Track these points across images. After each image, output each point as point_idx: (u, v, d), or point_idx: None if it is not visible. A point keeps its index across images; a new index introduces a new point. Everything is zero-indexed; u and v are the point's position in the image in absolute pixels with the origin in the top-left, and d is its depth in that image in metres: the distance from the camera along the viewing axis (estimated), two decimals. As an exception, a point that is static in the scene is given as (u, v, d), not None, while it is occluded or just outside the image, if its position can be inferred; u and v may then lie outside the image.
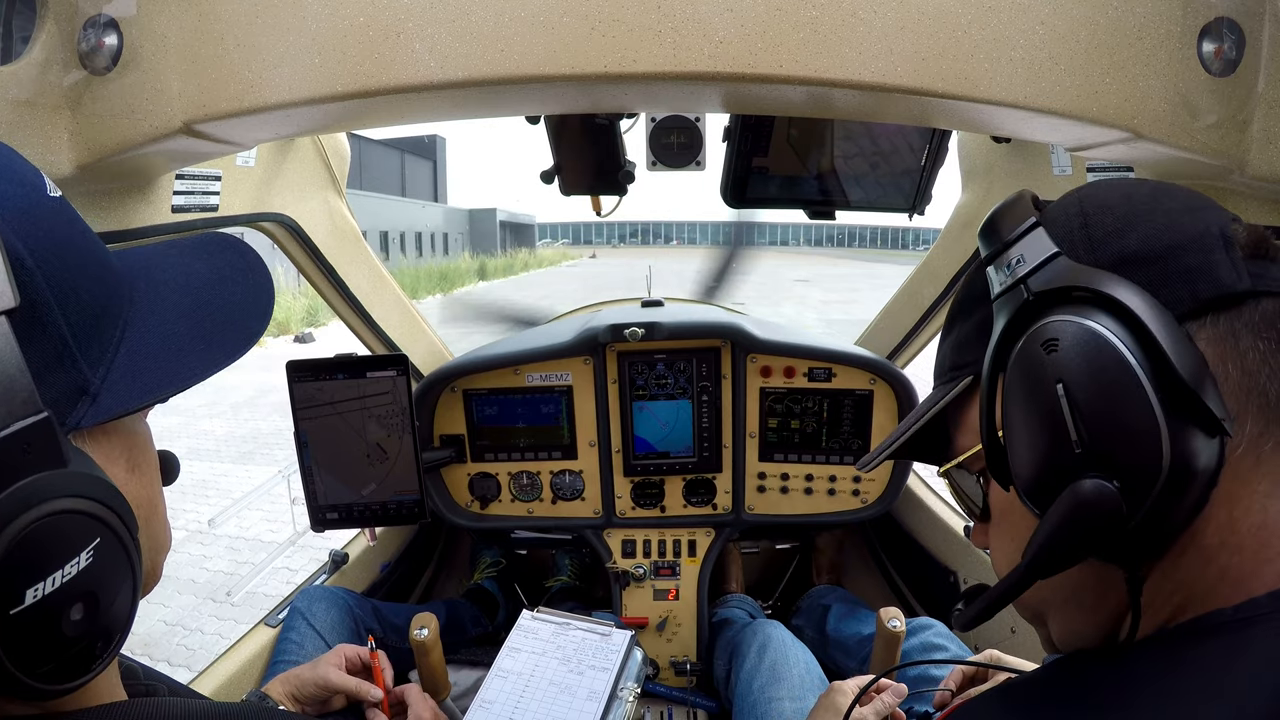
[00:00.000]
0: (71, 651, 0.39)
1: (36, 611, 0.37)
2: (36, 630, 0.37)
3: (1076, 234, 0.46)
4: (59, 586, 0.37)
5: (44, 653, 0.38)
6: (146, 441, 0.51)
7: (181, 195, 1.02)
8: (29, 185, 0.42)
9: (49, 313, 0.40)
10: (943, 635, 1.40)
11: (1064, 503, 0.42)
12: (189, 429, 7.19)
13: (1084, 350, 0.41)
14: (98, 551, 0.39)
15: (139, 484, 0.48)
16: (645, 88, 0.73)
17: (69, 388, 0.41)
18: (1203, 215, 0.44)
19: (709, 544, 1.74)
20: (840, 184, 1.32)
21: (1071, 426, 0.41)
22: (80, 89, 0.77)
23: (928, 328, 1.82)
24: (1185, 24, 0.71)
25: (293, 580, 3.83)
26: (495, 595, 1.98)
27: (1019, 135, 0.88)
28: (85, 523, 0.39)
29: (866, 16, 0.68)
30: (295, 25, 0.71)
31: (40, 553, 0.37)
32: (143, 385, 0.45)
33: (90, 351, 0.43)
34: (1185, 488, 0.40)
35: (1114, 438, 0.41)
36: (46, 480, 0.37)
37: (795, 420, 1.68)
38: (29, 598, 0.36)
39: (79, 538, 0.39)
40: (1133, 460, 0.40)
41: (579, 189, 1.38)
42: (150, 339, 0.47)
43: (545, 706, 1.13)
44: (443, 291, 22.46)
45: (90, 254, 0.45)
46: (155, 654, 3.55)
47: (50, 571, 0.37)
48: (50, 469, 0.37)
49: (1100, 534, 0.42)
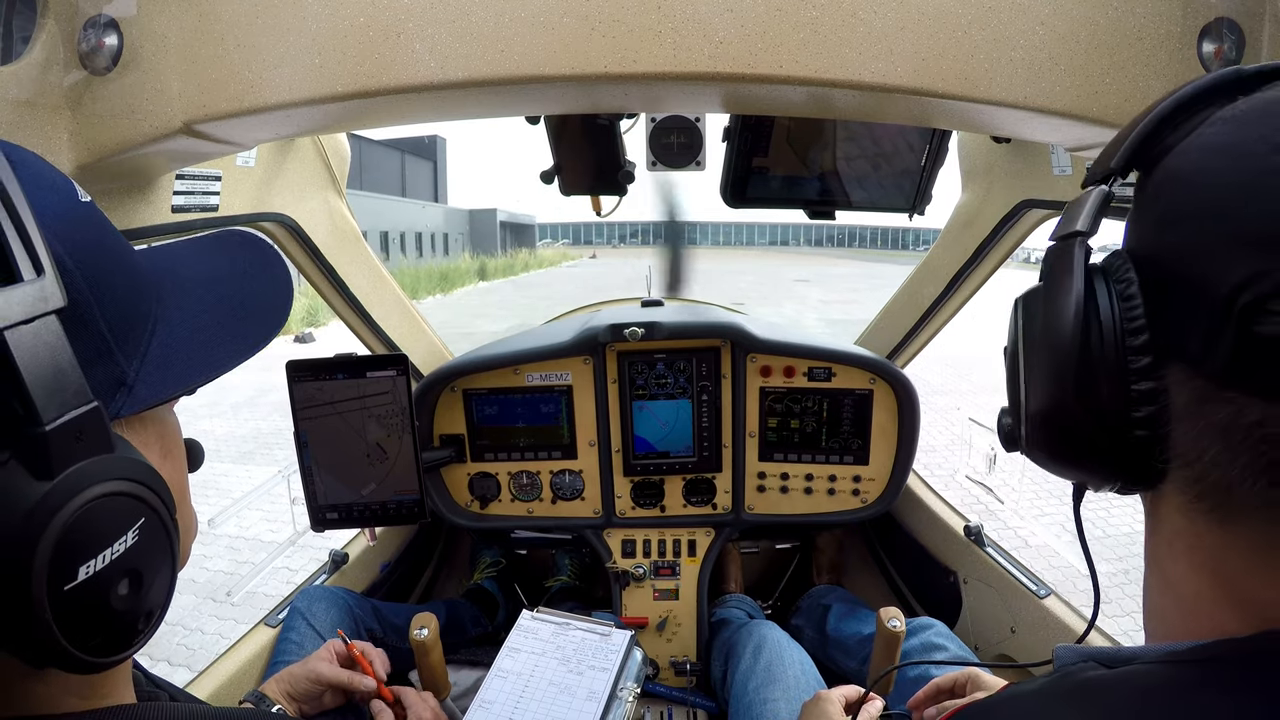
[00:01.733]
0: (116, 625, 0.42)
1: (89, 587, 0.39)
2: (87, 605, 0.39)
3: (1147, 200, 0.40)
4: (109, 563, 0.40)
5: (92, 626, 0.40)
6: (176, 429, 0.54)
7: (181, 195, 1.02)
8: (63, 192, 0.45)
9: (89, 311, 0.42)
10: (943, 635, 1.40)
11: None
12: (189, 429, 7.01)
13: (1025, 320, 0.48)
14: (142, 530, 0.42)
15: (171, 469, 0.51)
16: (645, 88, 0.73)
17: (109, 380, 0.44)
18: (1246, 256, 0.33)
19: (709, 544, 1.74)
20: (840, 184, 1.32)
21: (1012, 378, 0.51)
22: (80, 89, 0.77)
23: (928, 327, 1.82)
24: (1185, 24, 0.71)
25: (293, 580, 3.83)
26: (495, 595, 1.98)
27: (1019, 135, 0.88)
28: (132, 504, 0.42)
29: (866, 16, 0.68)
30: (295, 25, 0.71)
31: (93, 532, 0.39)
32: (174, 376, 0.48)
33: (126, 346, 0.45)
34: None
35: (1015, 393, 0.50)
36: (97, 465, 0.40)
37: (795, 420, 1.68)
38: (82, 574, 0.39)
39: (126, 518, 0.41)
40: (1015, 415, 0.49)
41: (579, 189, 1.39)
42: (179, 332, 0.49)
43: (545, 706, 1.13)
44: (443, 292, 22.49)
45: (121, 255, 0.48)
46: (155, 654, 3.55)
47: (101, 549, 0.40)
48: (100, 454, 0.40)
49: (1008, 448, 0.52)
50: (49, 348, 0.37)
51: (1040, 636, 1.41)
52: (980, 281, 1.66)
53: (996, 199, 1.43)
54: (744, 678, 1.39)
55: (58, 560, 0.37)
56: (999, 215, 1.44)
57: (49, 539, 0.37)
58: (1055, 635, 1.37)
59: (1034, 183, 1.34)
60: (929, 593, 1.82)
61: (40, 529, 0.37)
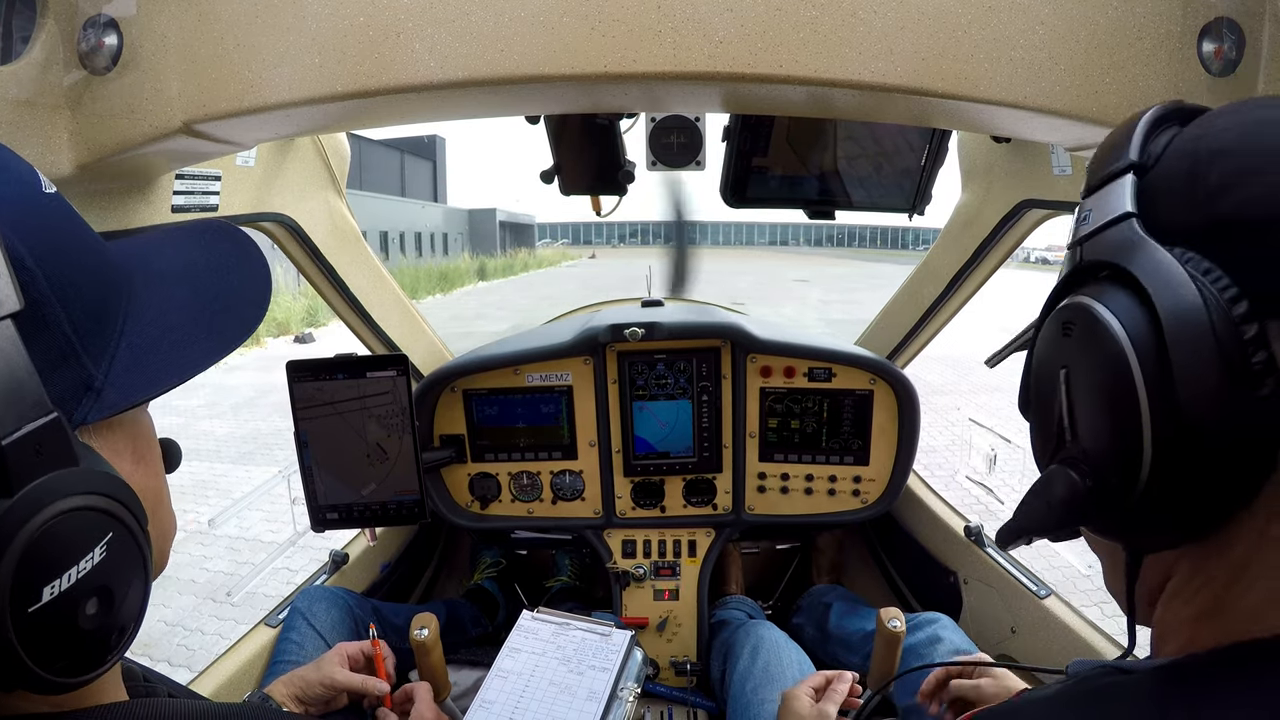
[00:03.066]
0: (87, 645, 0.40)
1: (54, 608, 0.37)
2: (54, 626, 0.38)
3: (1179, 185, 0.39)
4: (75, 582, 0.38)
5: (61, 647, 0.38)
6: (149, 432, 0.51)
7: (181, 195, 1.02)
8: (24, 183, 0.42)
9: (51, 311, 0.40)
10: (948, 628, 1.40)
11: (1039, 483, 0.44)
12: (189, 429, 7.18)
13: (1090, 342, 0.39)
14: (110, 546, 0.40)
15: (144, 474, 0.48)
16: (645, 88, 0.73)
17: (74, 384, 0.42)
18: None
19: (709, 544, 1.74)
20: (840, 184, 1.32)
21: (1065, 416, 0.41)
22: (80, 89, 0.77)
23: (928, 327, 1.82)
24: (1185, 24, 0.71)
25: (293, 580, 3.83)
26: (495, 595, 1.98)
27: (1019, 135, 0.88)
28: (98, 519, 0.39)
29: (866, 16, 0.68)
30: (295, 25, 0.71)
31: (56, 551, 0.37)
32: (145, 378, 0.45)
33: (92, 347, 0.43)
34: (1174, 504, 0.38)
35: (1097, 440, 0.40)
36: (58, 479, 0.37)
37: (795, 420, 1.68)
38: (46, 595, 0.37)
39: (92, 534, 0.39)
40: (1111, 470, 0.39)
41: (579, 189, 1.38)
42: (150, 331, 0.47)
43: (545, 707, 1.13)
44: (442, 291, 22.48)
45: (88, 249, 0.45)
46: (155, 654, 3.55)
47: (66, 568, 0.38)
48: (61, 468, 0.38)
49: (1067, 521, 0.42)
50: (2, 355, 0.35)
51: (1040, 637, 1.41)
52: (980, 281, 1.66)
53: (996, 199, 1.43)
54: (741, 678, 1.39)
55: (20, 581, 0.35)
56: (999, 215, 1.44)
57: (10, 560, 0.35)
58: (1055, 635, 1.37)
59: (1034, 183, 1.34)
60: (929, 593, 1.82)
61: (0, 549, 0.35)
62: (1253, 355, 0.34)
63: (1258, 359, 0.34)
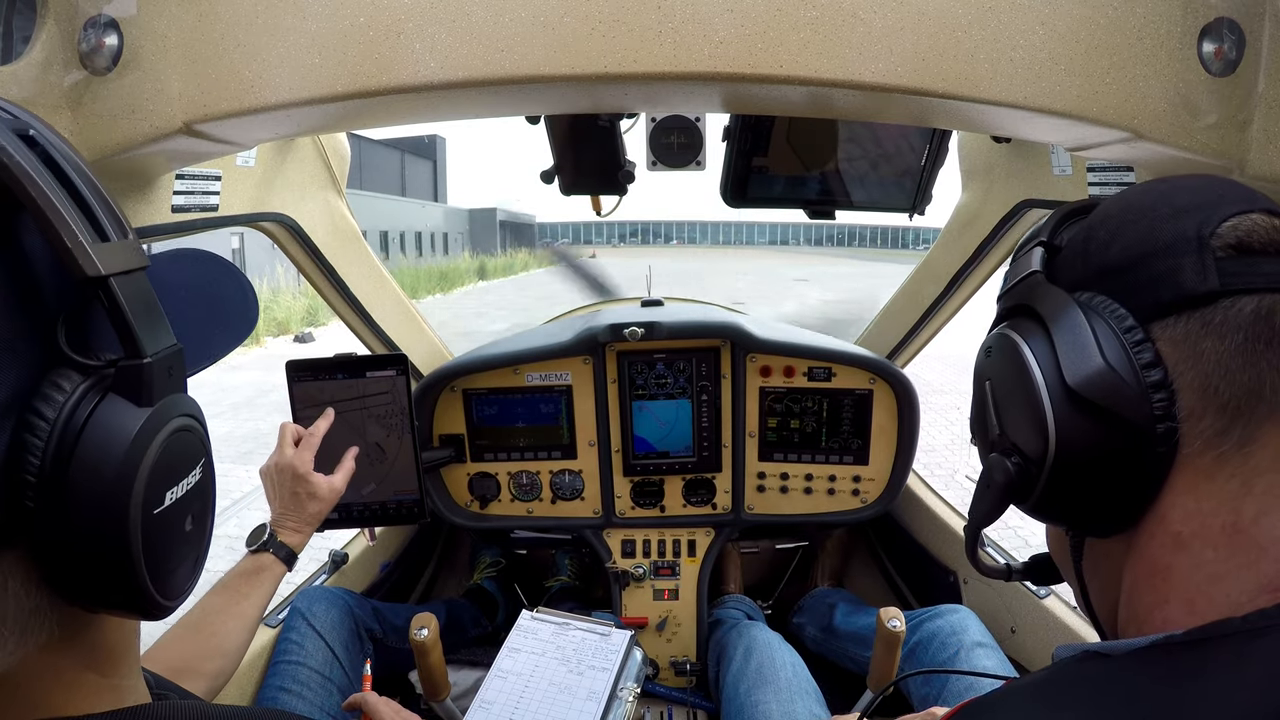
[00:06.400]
0: (182, 563, 0.44)
1: (171, 514, 0.42)
2: (166, 534, 0.42)
3: (1077, 249, 0.51)
4: (185, 494, 0.43)
5: (164, 560, 0.42)
6: None
7: (181, 195, 1.02)
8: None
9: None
10: (970, 618, 1.40)
11: (982, 475, 0.54)
12: None
13: (1001, 356, 0.52)
14: (204, 469, 0.46)
15: None
16: (645, 88, 0.73)
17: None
18: (1188, 219, 0.45)
19: (709, 544, 1.74)
20: (840, 184, 1.32)
21: (994, 418, 0.53)
22: (80, 89, 0.77)
23: (928, 327, 1.82)
24: (1185, 24, 0.71)
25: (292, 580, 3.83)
26: (495, 595, 1.98)
27: (1019, 135, 0.88)
28: (199, 440, 0.45)
29: (866, 17, 0.68)
30: (295, 25, 0.71)
31: (175, 460, 0.42)
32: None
33: None
34: (1080, 470, 0.47)
35: (1017, 430, 0.50)
36: (178, 400, 0.43)
37: (795, 420, 1.68)
38: (169, 498, 0.42)
39: (196, 453, 0.45)
40: (1031, 449, 0.49)
41: (579, 189, 1.38)
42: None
43: (545, 707, 1.13)
44: (442, 291, 22.48)
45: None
46: (155, 654, 3.54)
47: (182, 477, 0.43)
48: (179, 391, 0.44)
49: (1006, 500, 0.51)
50: (145, 294, 0.42)
51: (1040, 637, 1.41)
52: (980, 281, 1.66)
53: (996, 199, 1.43)
54: (735, 680, 1.39)
55: (153, 482, 0.40)
56: (999, 215, 1.44)
57: (148, 459, 0.40)
58: (1055, 635, 1.37)
59: (1034, 183, 1.34)
60: (929, 592, 1.82)
61: (141, 451, 0.39)
62: (1139, 350, 0.44)
63: (1143, 355, 0.44)
